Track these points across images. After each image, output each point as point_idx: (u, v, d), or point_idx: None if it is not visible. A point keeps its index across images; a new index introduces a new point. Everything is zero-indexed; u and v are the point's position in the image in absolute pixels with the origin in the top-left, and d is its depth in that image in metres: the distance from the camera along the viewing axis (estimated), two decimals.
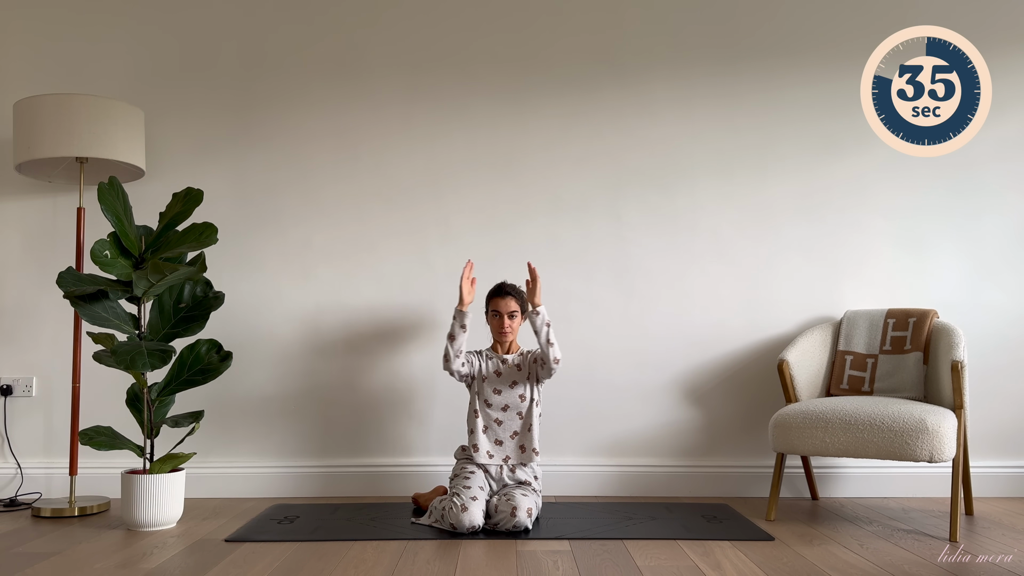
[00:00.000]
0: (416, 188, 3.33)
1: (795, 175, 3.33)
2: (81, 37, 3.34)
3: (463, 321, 2.81)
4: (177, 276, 2.66)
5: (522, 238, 3.32)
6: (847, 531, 2.66)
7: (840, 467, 3.26)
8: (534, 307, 2.83)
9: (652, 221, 3.33)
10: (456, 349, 2.81)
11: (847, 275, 3.31)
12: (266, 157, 3.34)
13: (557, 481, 3.23)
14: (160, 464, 2.70)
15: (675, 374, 3.31)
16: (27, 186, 3.29)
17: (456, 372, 2.84)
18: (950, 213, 3.31)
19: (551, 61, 3.35)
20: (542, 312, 2.81)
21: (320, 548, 2.42)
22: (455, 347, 2.81)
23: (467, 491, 2.65)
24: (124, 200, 2.77)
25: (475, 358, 2.92)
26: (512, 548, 2.42)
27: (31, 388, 3.27)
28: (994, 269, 3.30)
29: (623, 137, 3.34)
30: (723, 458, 3.29)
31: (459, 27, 3.36)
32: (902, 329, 3.04)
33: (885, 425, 2.62)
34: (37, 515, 2.91)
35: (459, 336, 2.81)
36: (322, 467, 3.26)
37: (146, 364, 2.54)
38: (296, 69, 3.35)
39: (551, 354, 2.79)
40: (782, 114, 3.34)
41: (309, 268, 3.31)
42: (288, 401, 3.29)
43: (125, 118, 3.00)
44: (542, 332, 2.79)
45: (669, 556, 2.33)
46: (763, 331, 3.31)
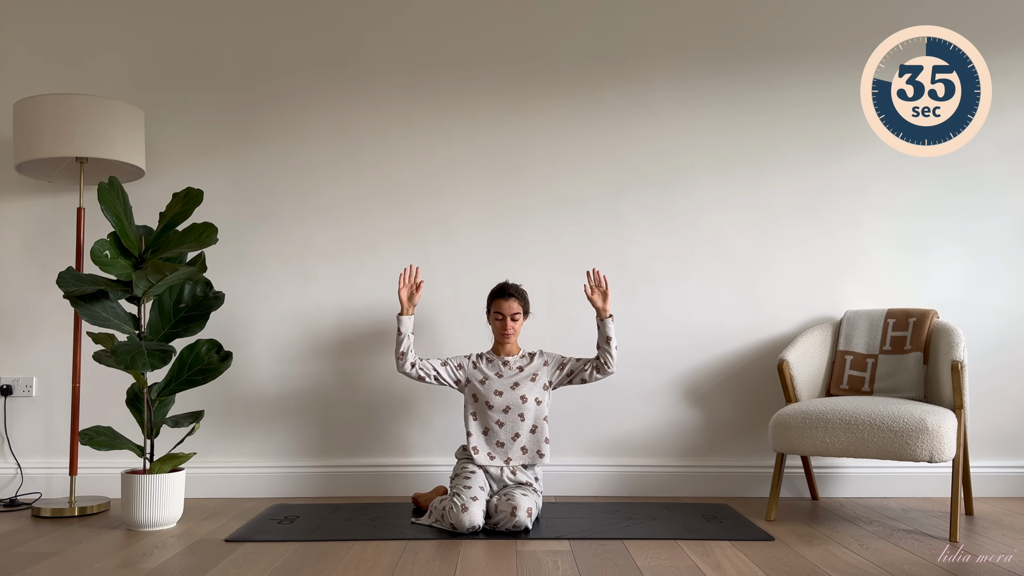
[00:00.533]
0: (416, 188, 3.33)
1: (795, 175, 3.33)
2: (81, 37, 3.34)
3: (399, 327, 2.87)
4: (177, 276, 2.66)
5: (522, 237, 3.32)
6: (847, 531, 2.66)
7: (840, 467, 3.26)
8: (604, 315, 2.88)
9: (652, 220, 3.33)
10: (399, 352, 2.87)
11: (847, 275, 3.31)
12: (266, 157, 3.34)
13: (557, 481, 3.23)
14: (160, 464, 2.70)
15: (675, 374, 3.31)
16: (27, 186, 3.29)
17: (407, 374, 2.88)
18: (950, 213, 3.31)
19: (551, 61, 3.35)
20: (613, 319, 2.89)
21: (320, 548, 2.42)
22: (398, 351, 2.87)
23: (467, 491, 2.64)
24: (124, 200, 2.77)
25: (467, 362, 2.92)
26: (512, 548, 2.42)
27: (31, 388, 3.27)
28: (994, 269, 3.30)
29: (623, 137, 3.34)
30: (723, 458, 3.29)
31: (459, 27, 3.36)
32: (902, 329, 3.04)
33: (885, 425, 2.62)
34: (37, 515, 2.91)
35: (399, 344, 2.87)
36: (322, 467, 3.26)
37: (146, 364, 2.54)
38: (296, 69, 3.35)
39: (615, 360, 2.88)
40: (782, 114, 3.34)
41: (309, 268, 3.32)
42: (288, 401, 3.29)
43: (125, 118, 3.00)
44: (613, 340, 2.87)
45: (669, 556, 2.33)
46: (763, 331, 3.31)
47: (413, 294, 2.91)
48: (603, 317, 2.88)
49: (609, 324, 2.87)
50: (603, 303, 2.89)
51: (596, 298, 2.90)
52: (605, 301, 2.90)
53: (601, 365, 2.89)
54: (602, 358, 2.88)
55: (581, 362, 2.93)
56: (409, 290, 2.91)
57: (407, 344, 2.87)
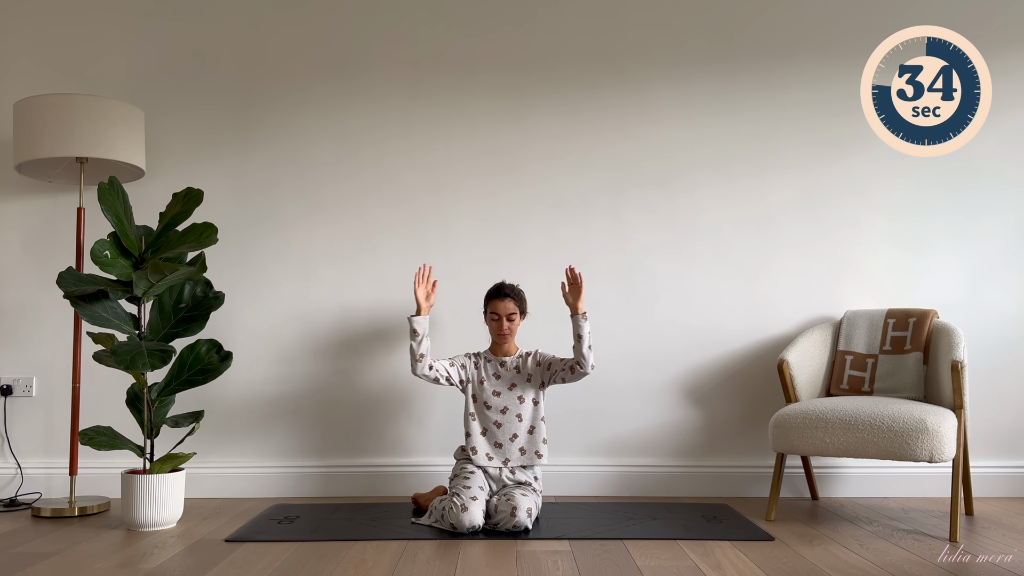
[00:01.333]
0: (416, 188, 3.33)
1: (795, 175, 3.33)
2: (81, 37, 3.34)
3: (413, 327, 2.82)
4: (177, 276, 2.66)
5: (522, 238, 3.32)
6: (847, 531, 2.66)
7: (840, 467, 3.26)
8: (577, 312, 2.82)
9: (652, 221, 3.33)
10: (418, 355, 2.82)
11: (847, 275, 3.31)
12: (266, 157, 3.34)
13: (557, 481, 3.23)
14: (160, 464, 2.70)
15: (675, 374, 3.31)
16: (27, 186, 3.29)
17: (424, 376, 2.84)
18: (950, 213, 3.31)
19: (551, 61, 3.35)
20: (586, 317, 2.81)
21: (320, 548, 2.42)
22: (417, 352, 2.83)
23: (467, 491, 2.64)
24: (124, 200, 2.77)
25: (469, 362, 2.92)
26: (512, 548, 2.42)
27: (31, 388, 3.27)
28: (994, 269, 3.30)
29: (623, 137, 3.34)
30: (723, 458, 3.29)
31: (459, 27, 3.36)
32: (902, 329, 3.04)
33: (885, 425, 2.62)
34: (37, 515, 2.91)
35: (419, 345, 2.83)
36: (322, 467, 3.26)
37: (146, 364, 2.54)
38: (296, 69, 3.35)
39: (590, 360, 2.81)
40: (782, 114, 3.34)
41: (309, 268, 3.32)
42: (288, 401, 3.29)
43: (125, 118, 3.00)
44: (585, 339, 2.79)
45: (669, 556, 2.33)
46: (763, 331, 3.31)
47: (429, 294, 2.89)
48: (574, 313, 2.83)
49: (580, 321, 2.80)
50: (576, 300, 2.83)
51: (570, 294, 2.85)
52: (578, 298, 2.83)
53: (575, 365, 2.83)
54: (576, 357, 2.82)
55: (562, 362, 2.89)
56: (426, 289, 2.89)
57: (425, 346, 2.82)
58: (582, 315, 2.81)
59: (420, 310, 2.85)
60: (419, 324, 2.82)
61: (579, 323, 2.80)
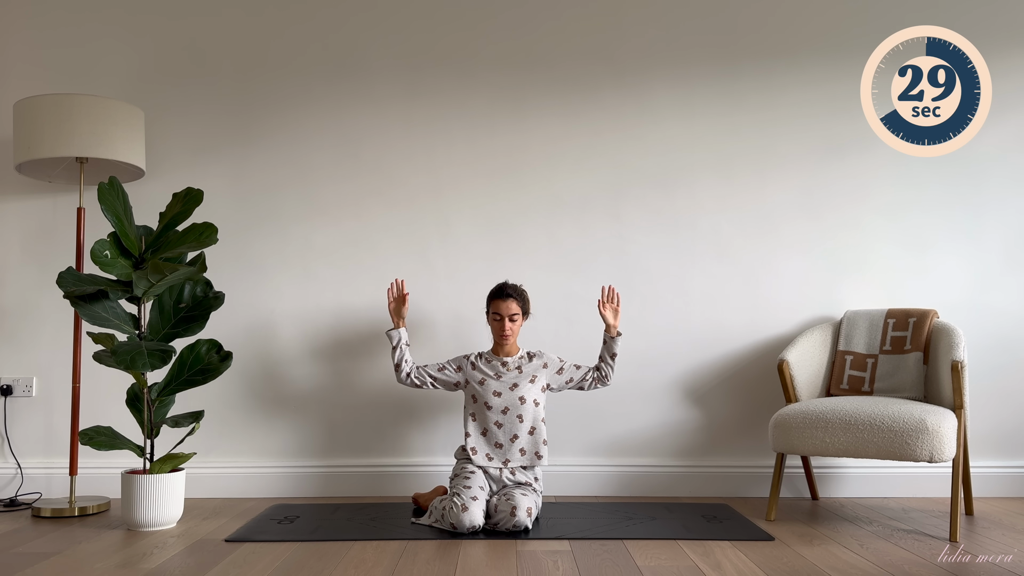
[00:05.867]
0: (416, 188, 3.33)
1: (795, 175, 3.33)
2: (81, 37, 3.34)
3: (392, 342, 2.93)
4: (177, 276, 2.66)
5: (522, 238, 3.32)
6: (847, 531, 2.66)
7: (840, 467, 3.26)
8: (613, 332, 2.94)
9: (652, 221, 3.33)
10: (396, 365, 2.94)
11: (847, 275, 3.31)
12: (266, 157, 3.34)
13: (557, 481, 3.23)
14: (160, 464, 2.70)
15: (675, 374, 3.31)
16: (27, 186, 3.29)
17: (409, 384, 2.94)
18: (950, 213, 3.31)
19: (551, 61, 3.35)
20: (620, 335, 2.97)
21: (320, 548, 2.42)
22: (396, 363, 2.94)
23: (467, 491, 2.64)
24: (124, 200, 2.77)
25: (466, 363, 2.92)
26: (512, 548, 2.42)
27: (31, 388, 3.27)
28: (994, 269, 3.30)
29: (623, 137, 3.34)
30: (723, 458, 3.29)
31: (459, 27, 3.36)
32: (902, 329, 3.04)
33: (885, 425, 2.62)
34: (37, 515, 2.91)
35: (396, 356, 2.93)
36: (322, 467, 3.26)
37: (146, 364, 2.54)
38: (296, 69, 3.35)
39: (614, 375, 2.98)
40: (782, 114, 3.34)
41: (309, 268, 3.31)
42: (288, 401, 3.29)
43: (125, 118, 3.00)
44: (617, 357, 2.96)
45: (669, 556, 2.33)
46: (763, 331, 3.31)
47: (400, 307, 2.96)
48: (612, 335, 2.93)
49: (617, 342, 2.94)
50: (613, 320, 2.95)
51: (608, 314, 2.95)
52: (615, 318, 2.95)
53: (603, 377, 2.96)
54: (604, 371, 2.95)
55: (581, 371, 2.97)
56: (397, 303, 2.96)
57: (402, 355, 2.92)
58: (619, 335, 2.95)
59: (395, 324, 2.95)
60: (393, 337, 2.93)
61: (616, 343, 2.94)
